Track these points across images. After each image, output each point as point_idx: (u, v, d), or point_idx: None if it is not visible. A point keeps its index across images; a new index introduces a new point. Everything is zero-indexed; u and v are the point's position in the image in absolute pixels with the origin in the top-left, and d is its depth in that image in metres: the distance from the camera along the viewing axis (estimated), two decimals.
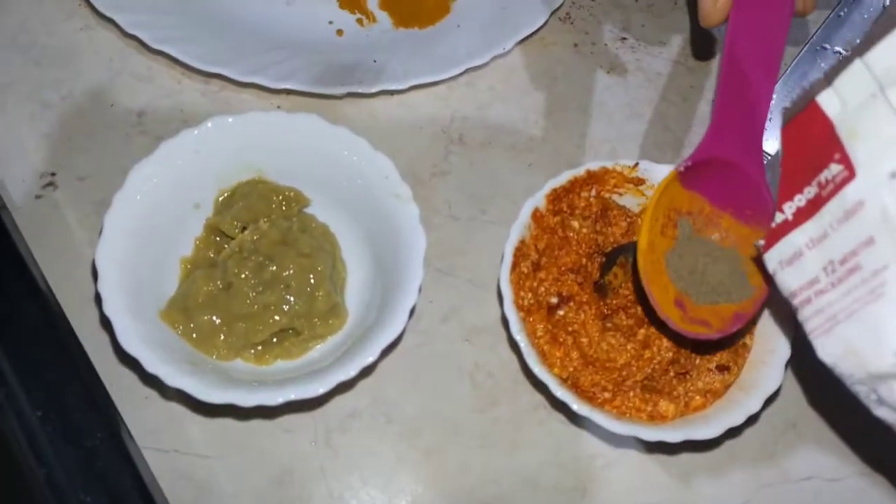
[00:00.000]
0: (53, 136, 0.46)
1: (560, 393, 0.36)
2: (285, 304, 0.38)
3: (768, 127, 0.39)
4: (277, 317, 0.38)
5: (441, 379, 0.41)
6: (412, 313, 0.38)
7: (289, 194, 0.41)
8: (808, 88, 0.31)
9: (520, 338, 0.37)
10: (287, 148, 0.42)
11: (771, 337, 0.39)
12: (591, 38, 0.53)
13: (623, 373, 0.38)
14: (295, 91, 0.47)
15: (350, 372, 0.36)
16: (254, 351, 0.39)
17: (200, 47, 0.47)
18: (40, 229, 0.43)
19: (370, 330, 0.38)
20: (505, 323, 0.39)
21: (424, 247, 0.39)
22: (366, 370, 0.36)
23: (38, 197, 0.44)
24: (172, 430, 0.38)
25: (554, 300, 0.39)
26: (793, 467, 0.40)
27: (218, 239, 0.41)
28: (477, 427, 0.40)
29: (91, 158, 0.45)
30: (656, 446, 0.39)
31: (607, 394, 0.38)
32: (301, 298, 0.38)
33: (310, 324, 0.39)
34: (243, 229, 0.40)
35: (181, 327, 0.38)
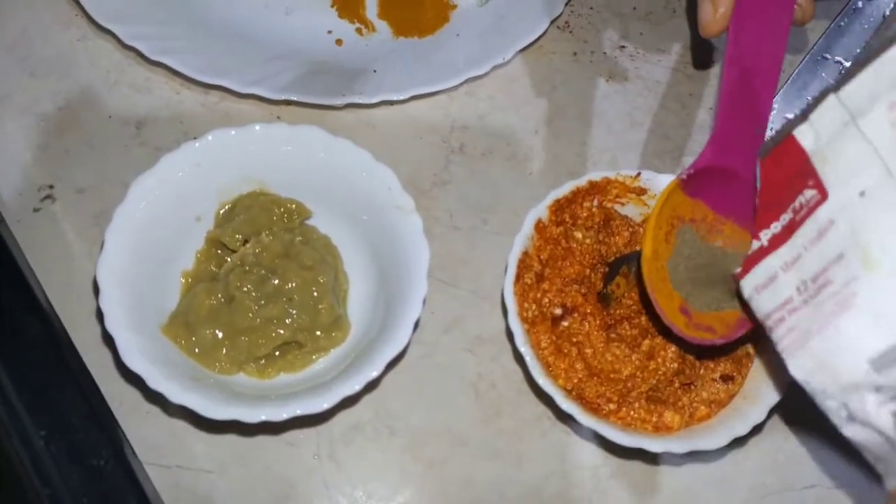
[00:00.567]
0: (51, 149, 0.45)
1: (565, 405, 0.36)
2: (288, 318, 0.38)
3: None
4: (280, 330, 0.38)
5: (444, 390, 0.41)
6: (416, 326, 0.37)
7: (290, 206, 0.41)
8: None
9: (524, 350, 0.37)
10: (289, 160, 0.41)
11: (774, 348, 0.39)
12: (591, 47, 0.53)
13: (628, 384, 0.38)
14: (295, 102, 0.47)
15: (355, 386, 0.35)
16: (256, 365, 0.38)
17: (199, 58, 0.47)
18: (39, 243, 0.42)
19: (374, 343, 0.37)
20: (509, 334, 0.39)
21: (428, 259, 0.38)
22: (370, 383, 0.36)
23: (37, 210, 0.44)
24: (175, 446, 0.38)
25: (558, 311, 0.39)
26: (796, 476, 0.41)
27: (219, 252, 0.41)
28: (481, 438, 0.40)
29: (89, 170, 0.45)
30: (661, 457, 0.39)
31: (612, 405, 0.38)
32: (304, 311, 0.38)
33: (312, 337, 0.39)
34: (245, 242, 0.40)
35: (183, 342, 0.38)
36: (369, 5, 0.52)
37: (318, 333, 0.39)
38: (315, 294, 0.39)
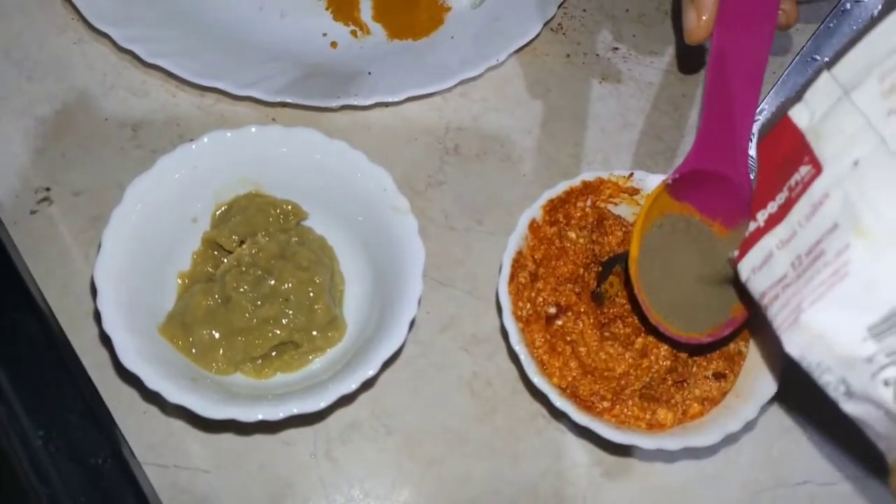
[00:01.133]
0: (47, 151, 0.46)
1: (560, 403, 0.37)
2: (284, 318, 0.38)
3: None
4: (277, 330, 0.38)
5: (440, 389, 0.41)
6: (412, 326, 0.38)
7: (286, 207, 0.42)
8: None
9: (519, 348, 0.38)
10: (284, 162, 0.42)
11: (766, 344, 0.39)
12: (584, 49, 0.53)
13: (622, 382, 0.39)
14: (290, 104, 0.47)
15: (351, 385, 0.36)
16: (253, 365, 0.39)
17: (195, 61, 0.47)
18: (36, 245, 0.42)
19: (370, 342, 0.38)
20: (504, 333, 0.39)
21: (423, 259, 0.39)
22: (366, 382, 0.36)
23: (33, 212, 0.44)
24: (172, 445, 0.38)
25: (552, 310, 0.40)
26: (788, 472, 0.41)
27: (216, 253, 0.41)
28: (477, 437, 0.40)
29: (86, 173, 0.45)
30: (655, 454, 0.40)
31: (606, 403, 0.38)
32: (300, 312, 0.39)
33: (309, 337, 0.39)
34: (241, 243, 0.40)
35: (180, 342, 0.38)
36: (364, 8, 0.53)
37: (315, 333, 0.39)
38: (311, 294, 0.39)
